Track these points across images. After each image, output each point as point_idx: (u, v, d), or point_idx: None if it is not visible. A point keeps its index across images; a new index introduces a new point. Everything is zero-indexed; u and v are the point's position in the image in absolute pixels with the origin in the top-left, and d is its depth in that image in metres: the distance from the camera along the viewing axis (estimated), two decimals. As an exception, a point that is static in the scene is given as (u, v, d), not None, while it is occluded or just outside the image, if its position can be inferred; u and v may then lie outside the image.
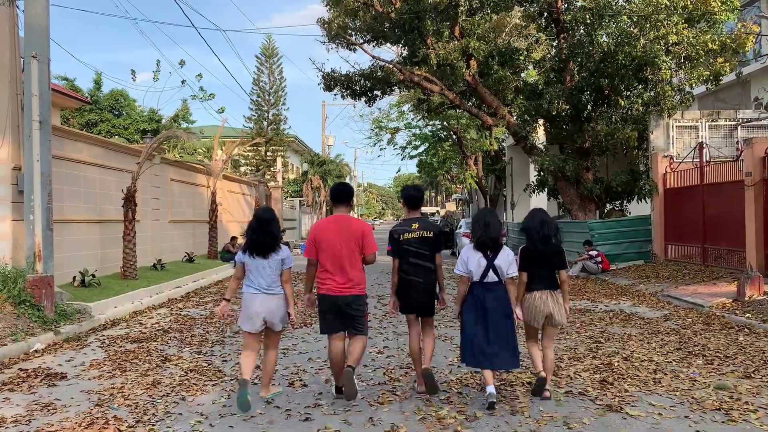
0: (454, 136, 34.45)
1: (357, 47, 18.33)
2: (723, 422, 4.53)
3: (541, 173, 17.70)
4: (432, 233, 5.22)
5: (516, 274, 5.07)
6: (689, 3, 14.86)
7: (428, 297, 5.24)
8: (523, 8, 18.16)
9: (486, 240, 4.97)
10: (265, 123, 39.35)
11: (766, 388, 5.33)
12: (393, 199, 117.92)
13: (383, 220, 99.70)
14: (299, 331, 8.18)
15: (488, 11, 17.86)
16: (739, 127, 15.57)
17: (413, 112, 32.81)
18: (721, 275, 11.96)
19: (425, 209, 52.03)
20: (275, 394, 5.22)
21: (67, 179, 11.53)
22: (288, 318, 5.11)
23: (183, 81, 52.33)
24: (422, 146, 39.05)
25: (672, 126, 15.66)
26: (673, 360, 6.39)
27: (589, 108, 16.90)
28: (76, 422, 4.66)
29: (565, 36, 16.96)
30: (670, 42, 14.71)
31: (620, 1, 16.60)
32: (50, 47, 9.52)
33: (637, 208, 18.10)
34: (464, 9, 16.70)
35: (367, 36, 17.95)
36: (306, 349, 7.11)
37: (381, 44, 18.69)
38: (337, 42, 17.86)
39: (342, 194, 5.27)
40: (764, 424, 4.47)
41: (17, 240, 9.42)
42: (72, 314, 8.87)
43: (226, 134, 33.84)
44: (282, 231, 4.96)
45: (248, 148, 38.16)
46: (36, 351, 7.27)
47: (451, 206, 59.64)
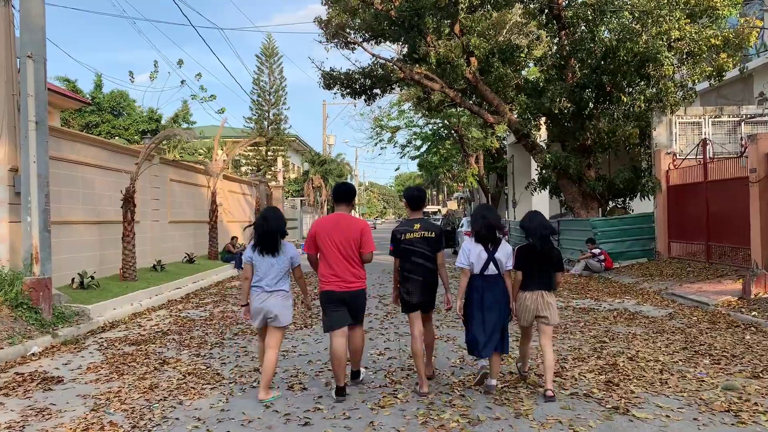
0: (455, 135, 34.34)
1: (356, 46, 18.18)
2: (732, 424, 4.42)
3: (543, 171, 17.57)
4: (434, 233, 5.31)
5: (510, 267, 5.20)
6: (691, -2, 14.75)
7: (430, 296, 5.34)
8: (524, 5, 18.02)
9: (485, 233, 5.10)
10: (266, 123, 39.27)
11: (776, 389, 5.22)
12: (394, 198, 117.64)
13: (384, 219, 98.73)
14: (299, 333, 8.08)
15: (488, 8, 17.73)
16: (743, 123, 15.43)
17: (414, 111, 32.70)
18: (726, 273, 11.85)
19: (427, 208, 51.93)
20: (274, 398, 5.15)
21: (66, 180, 11.44)
22: (304, 305, 5.55)
23: (182, 81, 52.26)
24: (424, 146, 38.93)
25: (675, 122, 15.53)
26: (680, 360, 6.28)
27: (591, 105, 16.77)
28: (71, 428, 4.57)
29: (566, 32, 16.84)
30: (673, 38, 14.58)
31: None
32: (47, 47, 9.46)
33: (640, 206, 17.98)
34: (464, 6, 16.56)
35: (367, 34, 17.79)
36: (306, 351, 7.01)
37: (380, 42, 18.55)
38: (336, 41, 17.72)
39: (344, 193, 5.40)
40: (775, 426, 4.36)
41: (15, 242, 9.34)
42: (70, 317, 8.78)
43: (227, 134, 33.80)
44: (285, 231, 5.31)
45: (249, 148, 38.05)
46: (33, 354, 7.18)
47: (453, 205, 59.57)
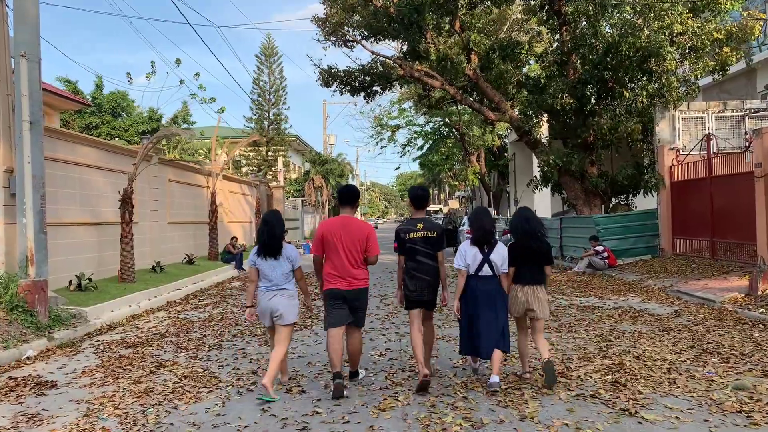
0: (456, 133, 34.20)
1: (355, 44, 18.03)
2: (745, 426, 4.27)
3: (545, 168, 17.40)
4: (436, 233, 5.44)
5: (506, 270, 5.35)
6: (694, -8, 14.60)
7: (432, 294, 5.45)
8: (524, 1, 17.89)
9: (481, 236, 5.29)
10: (266, 123, 39.13)
11: (787, 388, 5.07)
12: (396, 198, 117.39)
13: (386, 219, 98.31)
14: (299, 334, 7.93)
15: (488, 4, 17.59)
16: (747, 118, 15.25)
17: (414, 109, 32.57)
18: (732, 269, 11.69)
19: (429, 207, 51.70)
20: (271, 399, 5.02)
21: (63, 181, 11.31)
22: (305, 307, 5.64)
23: (181, 81, 52.27)
24: (425, 145, 38.76)
25: (678, 118, 15.35)
26: (687, 359, 6.12)
27: (593, 101, 16.61)
28: (62, 435, 4.44)
29: (567, 28, 16.69)
30: (675, 32, 14.42)
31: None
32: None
33: (643, 202, 17.82)
34: (464, 2, 16.43)
35: (366, 32, 17.63)
36: (305, 353, 6.87)
37: (380, 40, 18.40)
38: (335, 39, 17.56)
39: (349, 196, 5.57)
40: (788, 428, 4.21)
41: (10, 244, 9.22)
42: (67, 319, 8.66)
43: (228, 135, 33.65)
44: (284, 231, 5.47)
45: (250, 149, 37.92)
46: (28, 358, 7.07)
47: (454, 204, 59.41)
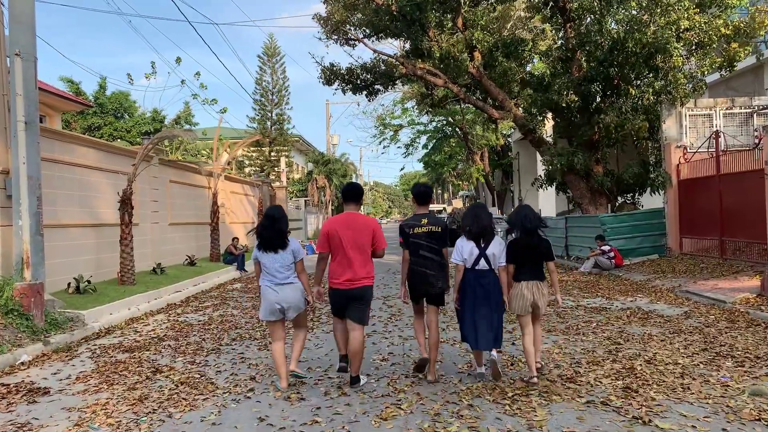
0: (459, 132, 34.01)
1: (357, 42, 17.84)
2: (765, 435, 4.08)
3: (550, 167, 17.18)
4: (440, 228, 5.57)
5: (504, 264, 5.42)
6: (700, -13, 14.38)
7: (436, 287, 5.54)
8: (528, -2, 17.69)
9: (476, 230, 5.36)
10: (269, 123, 38.96)
11: (807, 394, 4.86)
12: (400, 198, 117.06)
13: (390, 219, 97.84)
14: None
15: (492, 1, 17.37)
16: (755, 115, 15.01)
17: (417, 108, 32.41)
18: (741, 269, 11.47)
19: (433, 206, 51.60)
20: (301, 375, 5.56)
21: (61, 182, 11.16)
22: (306, 303, 5.52)
23: (182, 81, 52.13)
24: (429, 143, 38.57)
25: (685, 115, 15.11)
26: (700, 362, 5.92)
27: (598, 99, 16.40)
28: (51, 445, 4.27)
29: (572, 25, 16.48)
30: (682, 28, 14.20)
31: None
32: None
33: (649, 201, 17.58)
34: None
35: (367, 30, 17.44)
36: (306, 357, 6.66)
37: (382, 38, 18.22)
38: (336, 37, 17.38)
39: (352, 193, 5.62)
40: (811, 437, 4.01)
41: (6, 246, 9.08)
42: (64, 323, 8.49)
43: (231, 136, 33.50)
44: (288, 231, 5.46)
45: (252, 149, 37.76)
46: (22, 363, 6.90)
47: (458, 203, 59.14)
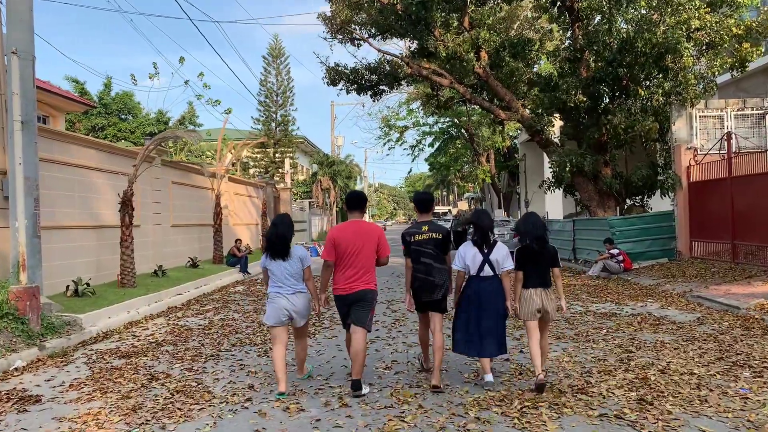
0: (465, 134, 33.79)
1: (362, 42, 17.65)
2: (790, 453, 3.84)
3: (557, 169, 16.92)
4: (441, 235, 5.57)
5: (511, 267, 5.43)
6: (711, -14, 14.12)
7: (440, 295, 5.52)
8: (535, -3, 17.47)
9: (480, 237, 5.41)
10: (273, 124, 38.84)
11: (832, 408, 4.62)
12: (405, 199, 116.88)
13: (395, 221, 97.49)
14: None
15: (498, 1, 17.14)
16: (767, 116, 14.74)
17: (423, 109, 32.21)
18: (755, 273, 11.20)
19: (437, 208, 51.39)
20: (311, 369, 6.05)
21: (61, 183, 10.99)
22: (312, 311, 5.63)
23: (186, 81, 52.13)
24: (435, 143, 38.36)
25: (695, 116, 14.84)
26: (717, 372, 5.68)
27: (607, 100, 16.14)
28: (38, 459, 4.07)
29: (580, 25, 16.24)
30: (693, 27, 13.94)
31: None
32: (35, 44, 9.02)
33: (657, 204, 17.30)
34: (473, -1, 16.03)
35: (372, 29, 17.25)
36: (306, 364, 6.44)
37: (387, 38, 18.00)
38: (341, 37, 17.19)
39: (357, 201, 5.69)
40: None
41: (3, 249, 8.92)
42: (60, 327, 8.31)
43: (235, 137, 33.39)
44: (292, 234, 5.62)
45: (257, 150, 37.63)
46: (16, 369, 6.72)
47: (463, 205, 58.91)
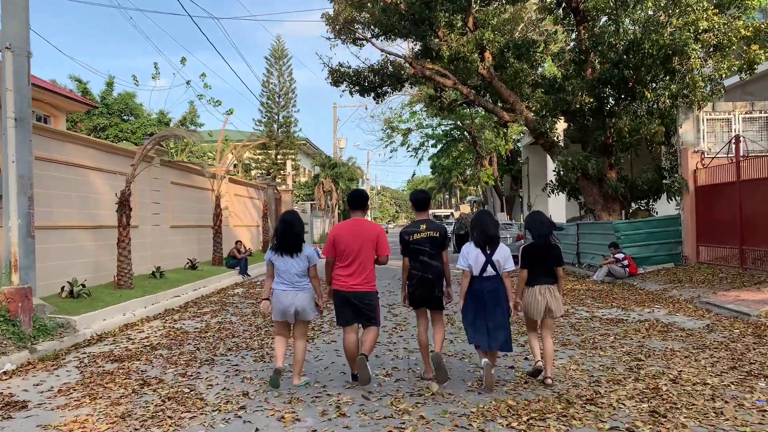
0: (468, 136, 33.60)
1: (365, 42, 17.46)
2: (815, 472, 3.61)
3: (562, 172, 16.69)
4: (438, 233, 5.64)
5: (512, 268, 5.45)
6: (719, -13, 13.92)
7: (437, 292, 5.61)
8: (540, -1, 17.27)
9: (483, 237, 5.42)
10: (275, 126, 38.67)
11: None
12: (407, 202, 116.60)
13: (397, 224, 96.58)
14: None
15: (503, 1, 16.95)
16: (776, 119, 14.50)
17: (426, 111, 32.02)
18: (764, 279, 10.95)
19: (439, 211, 51.19)
20: (306, 382, 5.67)
21: (57, 183, 10.81)
22: (317, 309, 5.68)
23: (188, 81, 51.94)
24: (438, 145, 38.16)
25: (702, 119, 14.60)
26: (731, 383, 5.45)
27: (612, 102, 15.93)
28: (18, 470, 3.86)
29: (585, 26, 16.04)
30: (701, 29, 13.73)
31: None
32: (30, 39, 8.84)
33: (663, 208, 17.06)
34: (478, -1, 15.84)
35: (375, 30, 17.06)
36: (304, 371, 6.21)
37: (390, 38, 17.81)
38: (344, 37, 17.01)
39: (358, 199, 5.77)
40: None
41: (-3, 248, 8.72)
42: (53, 329, 8.11)
43: (237, 138, 33.24)
44: (304, 232, 5.68)
45: (259, 152, 37.47)
46: (5, 373, 6.52)
47: (465, 208, 58.68)
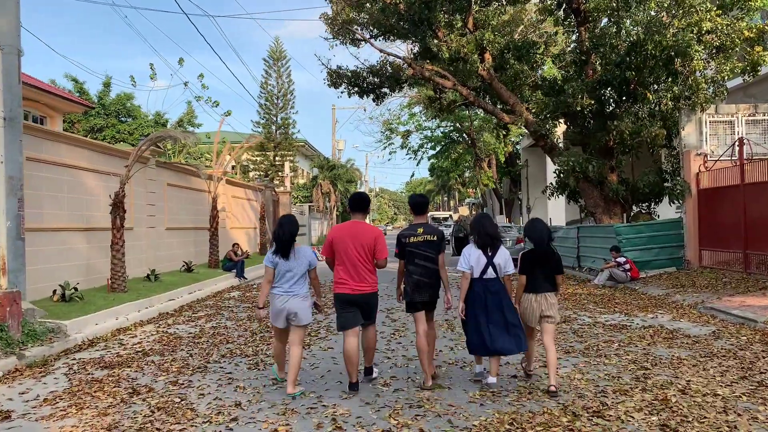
0: (467, 138, 33.43)
1: (364, 42, 17.28)
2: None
3: (562, 174, 16.50)
4: (435, 237, 5.66)
5: (513, 271, 5.48)
6: (723, -12, 13.76)
7: (433, 295, 5.66)
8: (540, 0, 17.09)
9: (484, 239, 5.44)
10: (274, 127, 38.46)
11: None
12: (405, 204, 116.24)
13: (395, 226, 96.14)
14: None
15: (503, 2, 16.78)
16: (779, 122, 14.33)
17: (425, 113, 31.84)
18: (769, 284, 10.77)
19: (438, 214, 51.00)
20: (301, 393, 5.51)
21: (49, 184, 10.59)
22: (317, 308, 5.77)
23: (186, 82, 51.93)
24: (437, 147, 37.98)
25: (705, 122, 14.43)
26: (742, 393, 5.25)
27: (613, 104, 15.75)
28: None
29: (586, 27, 15.87)
30: (704, 30, 13.56)
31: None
32: (21, 37, 8.65)
33: (665, 211, 16.88)
34: (478, -1, 15.67)
35: (374, 30, 16.87)
36: (300, 379, 6.00)
37: (389, 39, 17.63)
38: (342, 37, 16.82)
39: (359, 202, 5.77)
40: None
41: (-15, 251, 8.49)
42: (43, 334, 7.90)
43: (235, 140, 33.06)
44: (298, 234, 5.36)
45: (257, 153, 37.26)
46: (-9, 380, 6.31)
47: (464, 210, 58.53)
